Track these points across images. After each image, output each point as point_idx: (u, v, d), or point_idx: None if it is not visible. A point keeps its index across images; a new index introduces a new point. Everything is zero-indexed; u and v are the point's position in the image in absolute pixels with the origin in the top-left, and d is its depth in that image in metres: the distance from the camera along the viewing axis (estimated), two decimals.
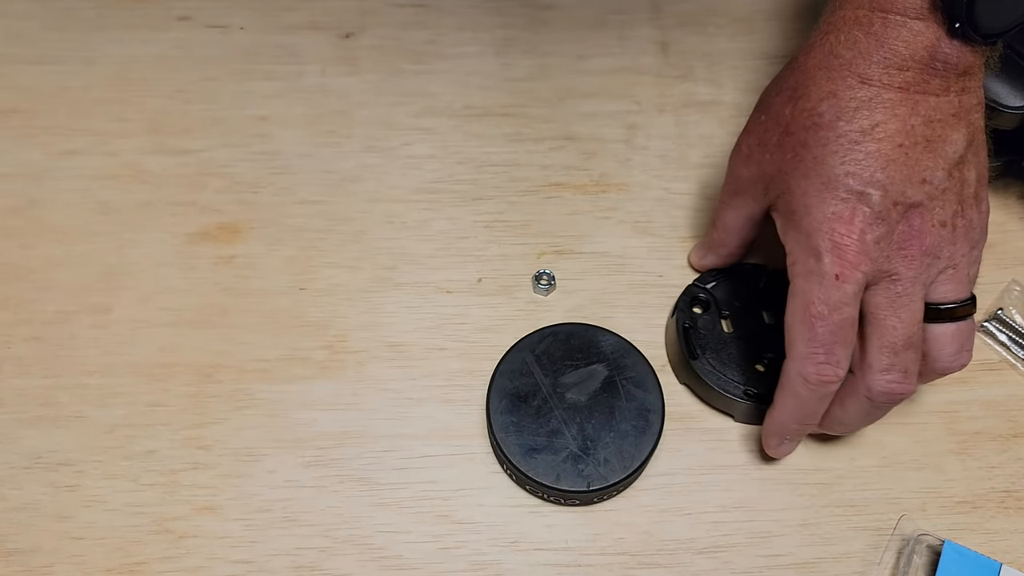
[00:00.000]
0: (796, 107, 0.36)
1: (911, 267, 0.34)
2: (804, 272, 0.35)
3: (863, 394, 0.36)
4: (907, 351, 0.35)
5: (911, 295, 0.35)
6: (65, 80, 0.51)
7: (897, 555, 0.38)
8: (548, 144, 0.50)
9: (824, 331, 0.34)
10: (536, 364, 0.40)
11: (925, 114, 0.34)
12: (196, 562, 0.38)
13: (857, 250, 0.34)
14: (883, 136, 0.34)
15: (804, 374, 0.35)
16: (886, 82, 0.34)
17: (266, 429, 0.41)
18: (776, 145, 0.37)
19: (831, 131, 0.35)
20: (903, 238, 0.34)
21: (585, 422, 0.39)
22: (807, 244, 0.35)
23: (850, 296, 0.34)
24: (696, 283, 0.43)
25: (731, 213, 0.41)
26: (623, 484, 0.39)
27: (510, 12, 0.54)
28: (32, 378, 0.42)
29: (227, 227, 0.46)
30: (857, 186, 0.34)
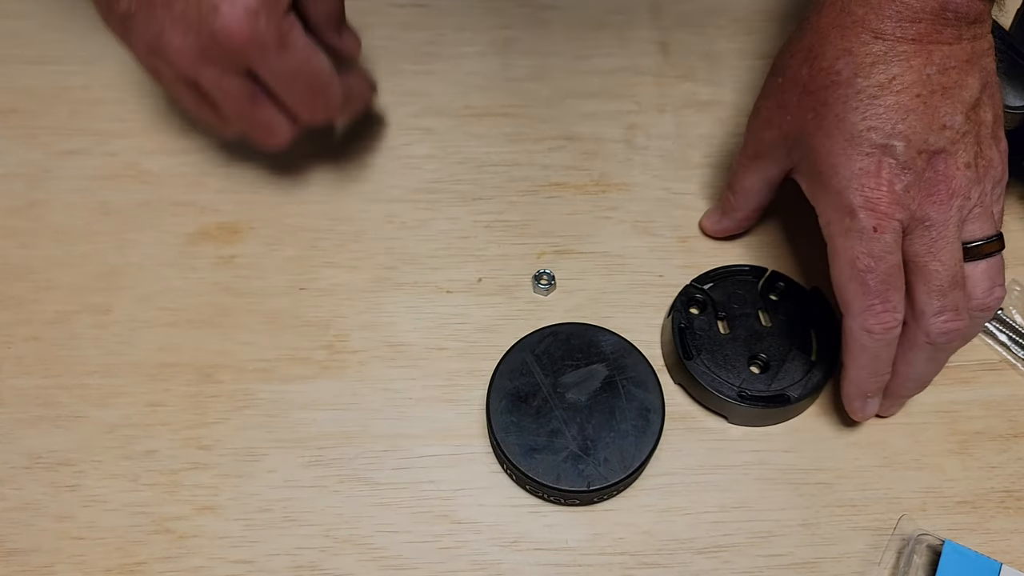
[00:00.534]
0: (813, 67, 0.37)
1: (941, 210, 0.35)
2: (842, 231, 0.36)
3: (923, 341, 0.36)
4: (954, 290, 0.36)
5: (946, 237, 0.35)
6: (65, 80, 0.51)
7: (897, 555, 0.38)
8: (548, 144, 0.50)
9: (875, 282, 0.35)
10: (536, 364, 0.40)
11: (939, 62, 0.35)
12: (196, 562, 0.38)
13: (889, 200, 0.34)
14: (901, 88, 0.35)
15: (867, 327, 0.36)
16: (899, 35, 0.35)
17: (266, 429, 0.41)
18: (796, 106, 0.37)
19: (850, 88, 0.35)
20: (931, 184, 0.35)
21: (585, 422, 0.39)
22: (839, 203, 0.35)
23: (891, 244, 0.35)
24: (693, 283, 0.43)
25: (750, 176, 0.42)
26: (623, 484, 0.39)
27: (510, 12, 0.54)
28: (32, 378, 0.42)
29: (227, 227, 0.46)
30: (880, 139, 0.35)
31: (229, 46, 0.35)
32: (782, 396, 0.40)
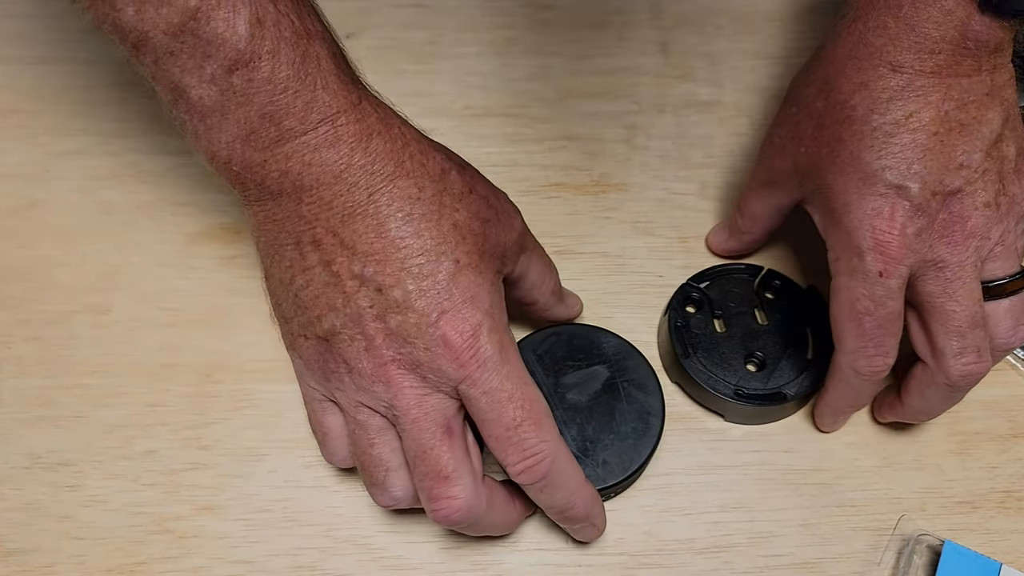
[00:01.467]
0: (828, 100, 0.36)
1: (955, 252, 0.34)
2: (847, 270, 0.35)
3: (942, 382, 0.36)
4: (974, 331, 0.35)
5: (963, 278, 0.35)
6: (65, 80, 0.51)
7: (897, 555, 0.38)
8: (548, 144, 0.50)
9: (872, 326, 0.35)
10: (538, 364, 0.40)
11: (958, 97, 0.34)
12: (196, 562, 0.38)
13: (899, 244, 0.34)
14: (917, 126, 0.34)
15: (856, 367, 0.36)
16: (918, 68, 0.34)
17: (266, 429, 0.41)
18: (810, 139, 0.37)
19: (865, 124, 0.34)
20: (945, 226, 0.34)
21: (585, 423, 0.39)
22: (848, 242, 0.35)
23: (894, 291, 0.34)
24: (690, 282, 0.43)
25: (760, 203, 0.41)
26: (621, 486, 0.39)
27: (510, 12, 0.54)
28: (32, 378, 0.42)
29: (228, 227, 0.46)
30: (895, 180, 0.34)
31: (447, 357, 0.31)
32: (778, 394, 0.40)
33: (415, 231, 0.31)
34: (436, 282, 0.31)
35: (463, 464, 0.33)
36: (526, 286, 0.38)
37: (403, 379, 0.32)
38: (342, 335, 0.32)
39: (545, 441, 0.33)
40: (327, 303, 0.32)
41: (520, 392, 0.32)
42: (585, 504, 0.35)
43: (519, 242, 0.36)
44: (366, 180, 0.31)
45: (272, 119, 0.30)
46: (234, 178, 0.32)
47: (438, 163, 0.33)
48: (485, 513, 0.34)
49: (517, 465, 0.32)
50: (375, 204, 0.31)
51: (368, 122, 0.31)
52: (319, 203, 0.31)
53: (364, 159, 0.31)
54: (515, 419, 0.32)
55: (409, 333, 0.31)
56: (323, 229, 0.31)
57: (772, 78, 0.52)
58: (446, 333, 0.31)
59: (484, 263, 0.33)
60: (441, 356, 0.31)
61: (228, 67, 0.29)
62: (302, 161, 0.31)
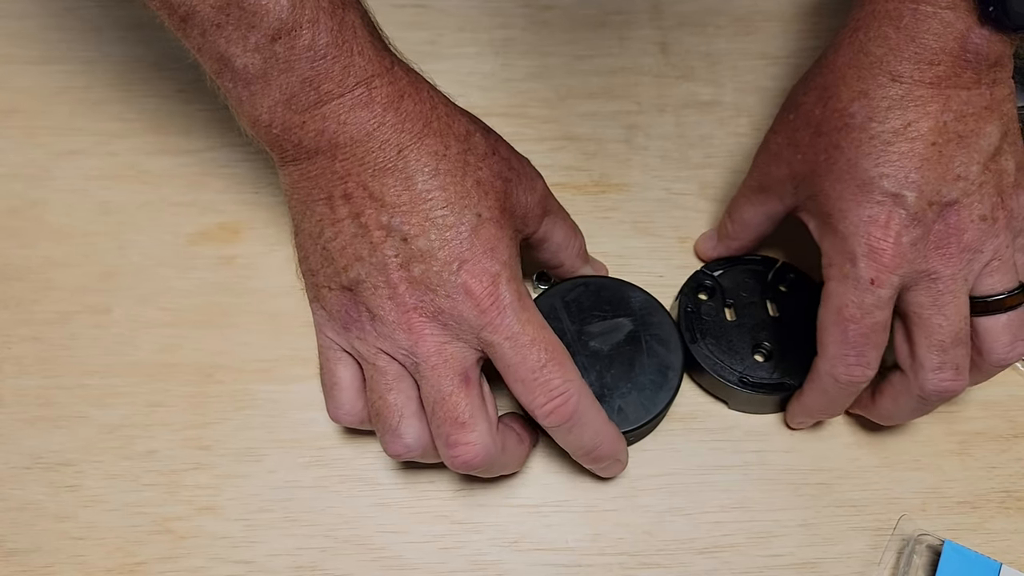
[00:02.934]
0: (827, 107, 0.36)
1: (949, 265, 0.34)
2: (839, 275, 0.35)
3: (915, 393, 0.36)
4: (956, 347, 0.35)
5: (953, 292, 0.34)
6: (65, 80, 0.51)
7: (897, 555, 0.38)
8: (548, 144, 0.49)
9: (856, 334, 0.35)
10: (564, 310, 0.41)
11: (957, 109, 0.34)
12: (197, 562, 0.38)
13: (893, 254, 0.34)
14: (916, 135, 0.34)
15: (834, 374, 0.36)
16: (917, 78, 0.34)
17: (266, 429, 0.41)
18: (808, 146, 0.37)
19: (863, 132, 0.34)
20: (940, 237, 0.34)
21: (604, 370, 0.39)
22: (842, 248, 0.35)
23: (884, 300, 0.34)
24: (704, 270, 0.43)
25: (751, 209, 0.41)
26: (635, 434, 0.39)
27: (510, 12, 0.54)
28: (32, 378, 0.42)
29: (227, 227, 0.46)
30: (892, 188, 0.34)
31: (468, 304, 0.33)
32: (783, 384, 0.40)
33: (440, 185, 0.33)
34: (459, 233, 0.33)
35: (480, 411, 0.34)
36: (552, 248, 0.40)
37: (424, 326, 0.33)
38: (366, 283, 0.34)
39: (570, 380, 0.34)
40: (354, 253, 0.34)
41: (541, 336, 0.34)
42: (611, 442, 0.36)
43: (541, 204, 0.38)
44: (396, 138, 0.33)
45: (312, 83, 0.32)
46: (273, 140, 0.34)
47: (463, 125, 0.35)
48: (501, 457, 0.35)
49: (545, 406, 0.34)
50: (404, 159, 0.33)
51: (400, 85, 0.33)
52: (352, 159, 0.33)
53: (395, 118, 0.33)
54: (539, 360, 0.33)
55: (432, 281, 0.33)
56: (354, 183, 0.33)
57: (772, 78, 0.52)
58: (467, 281, 0.33)
59: (504, 218, 0.35)
60: (462, 303, 0.33)
61: (271, 36, 0.31)
62: (338, 121, 0.32)
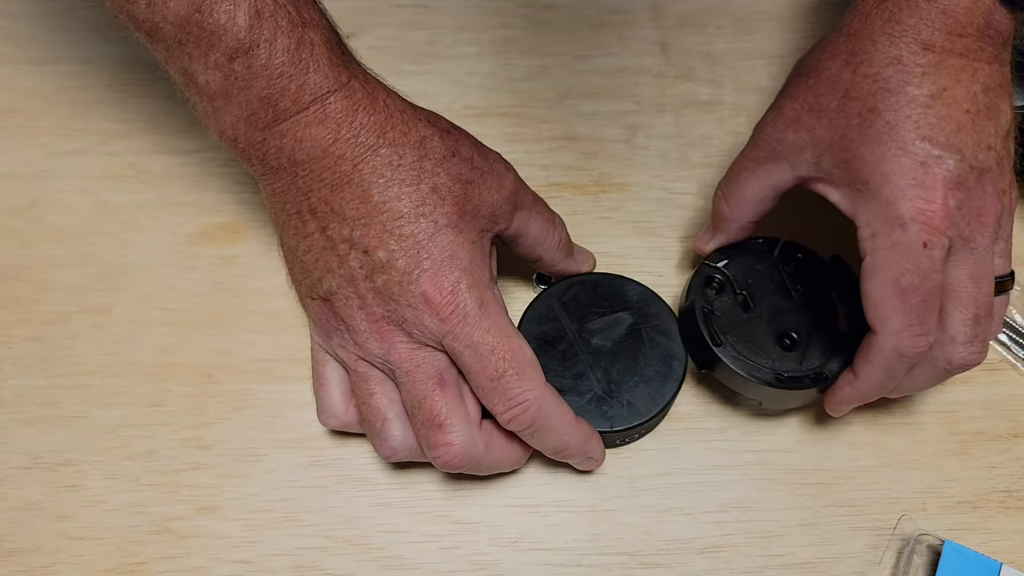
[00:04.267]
0: (857, 72, 0.35)
1: (985, 234, 0.34)
2: (889, 243, 0.34)
3: (941, 366, 0.35)
4: (987, 319, 0.35)
5: (987, 264, 0.35)
6: (65, 80, 0.51)
7: (897, 555, 0.38)
8: (548, 144, 0.49)
9: (918, 302, 0.34)
10: (563, 310, 0.40)
11: (984, 82, 0.34)
12: (196, 562, 0.38)
13: (943, 215, 0.33)
14: (952, 101, 0.34)
15: (901, 348, 0.34)
16: (948, 48, 0.34)
17: (266, 429, 0.41)
18: (836, 110, 0.35)
19: (901, 95, 0.34)
20: (980, 203, 0.34)
21: (610, 366, 0.39)
22: (889, 213, 0.34)
23: (938, 263, 0.34)
24: (707, 263, 0.41)
25: (754, 184, 0.39)
26: (646, 427, 0.39)
27: (510, 12, 0.54)
28: (32, 378, 0.42)
29: (227, 227, 0.46)
30: (935, 151, 0.33)
31: (428, 313, 0.33)
32: (820, 375, 0.38)
33: (395, 195, 0.33)
34: (416, 242, 0.33)
35: (457, 411, 0.35)
36: (528, 242, 0.39)
37: (394, 335, 0.34)
38: (339, 295, 0.35)
39: (529, 390, 0.34)
40: (325, 265, 0.35)
41: (502, 344, 0.34)
42: (578, 443, 0.36)
43: (511, 200, 0.37)
44: (351, 152, 0.33)
45: (270, 101, 0.33)
46: (241, 155, 0.35)
47: (419, 131, 0.35)
48: (484, 455, 0.36)
49: (504, 414, 0.34)
50: (359, 173, 0.33)
51: (355, 98, 0.34)
52: (311, 175, 0.34)
53: (350, 132, 0.33)
54: (498, 369, 0.34)
55: (393, 292, 0.34)
56: (317, 198, 0.34)
57: (772, 78, 0.52)
58: (426, 290, 0.33)
59: (464, 223, 0.34)
60: (423, 312, 0.33)
61: (229, 55, 0.32)
62: (295, 138, 0.33)
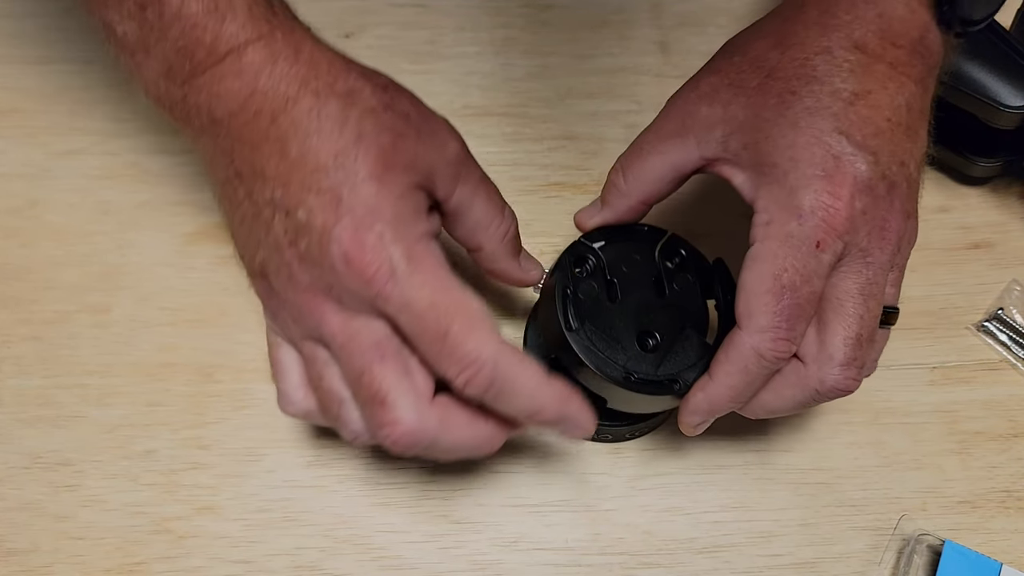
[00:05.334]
0: (786, 55, 0.33)
1: (885, 251, 0.32)
2: (780, 234, 0.31)
3: (812, 386, 0.33)
4: (868, 344, 0.33)
5: (880, 284, 0.32)
6: (65, 80, 0.51)
7: (897, 555, 0.38)
8: (548, 144, 0.49)
9: (791, 304, 0.31)
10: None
11: (907, 99, 0.33)
12: (196, 562, 0.38)
13: (845, 216, 0.31)
14: (875, 104, 0.32)
15: (761, 349, 0.32)
16: (879, 53, 0.33)
17: (266, 429, 0.41)
18: (756, 89, 0.33)
19: (826, 85, 0.32)
20: (885, 216, 0.32)
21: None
22: (788, 201, 0.32)
23: (825, 267, 0.31)
24: (583, 240, 0.37)
25: (656, 159, 0.36)
26: None
27: (510, 12, 0.54)
28: (32, 378, 0.42)
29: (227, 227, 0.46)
30: (850, 147, 0.31)
31: (351, 274, 0.29)
32: (673, 382, 0.35)
33: (314, 147, 0.30)
34: (335, 196, 0.30)
35: (400, 385, 0.30)
36: (469, 224, 0.35)
37: (323, 305, 0.31)
38: (270, 267, 0.32)
39: (482, 345, 0.29)
40: (255, 237, 0.32)
41: (442, 298, 0.30)
42: (554, 404, 0.31)
43: (452, 167, 0.33)
44: (269, 104, 0.30)
45: (185, 53, 0.30)
46: (169, 114, 0.32)
47: (348, 82, 0.31)
48: (440, 434, 0.31)
49: (457, 378, 0.30)
50: (277, 127, 0.30)
51: (274, 48, 0.30)
52: (231, 135, 0.31)
53: (268, 83, 0.30)
54: (440, 328, 0.29)
55: (314, 255, 0.30)
56: (240, 160, 0.31)
57: None
58: (347, 249, 0.29)
59: (390, 175, 0.30)
60: (346, 274, 0.29)
61: (140, 3, 0.30)
62: (211, 93, 0.30)
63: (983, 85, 0.43)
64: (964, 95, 0.43)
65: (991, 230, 0.47)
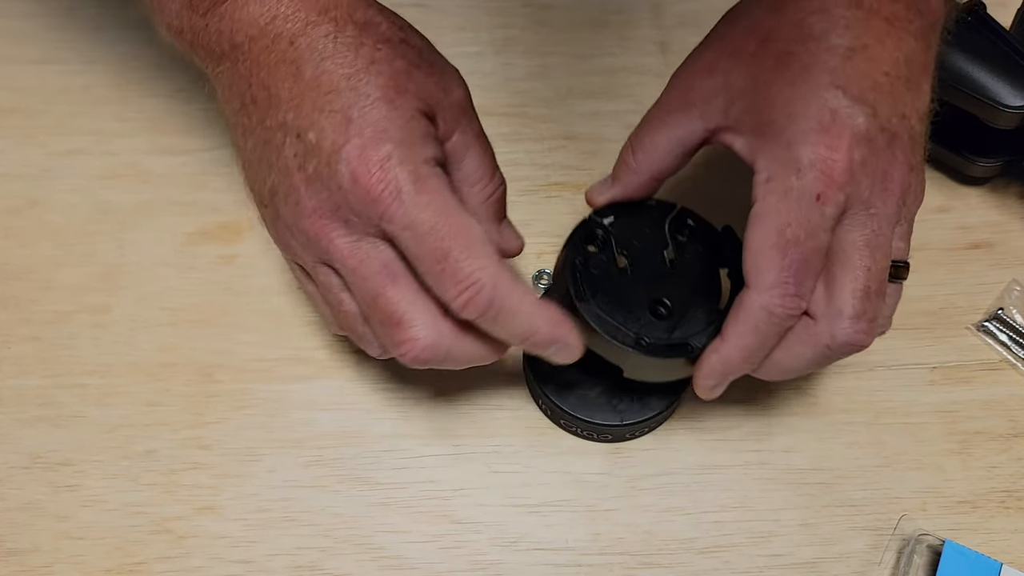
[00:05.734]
0: (782, 18, 0.34)
1: (889, 203, 0.32)
2: (780, 189, 0.31)
3: (823, 342, 0.33)
4: (878, 298, 0.32)
5: (886, 235, 0.32)
6: (65, 80, 0.51)
7: (897, 555, 0.38)
8: (548, 144, 0.49)
9: (798, 258, 0.31)
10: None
11: (907, 53, 0.33)
12: (196, 562, 0.38)
13: (844, 168, 0.31)
14: (872, 58, 0.32)
15: (770, 306, 0.32)
16: (876, 9, 0.33)
17: (266, 429, 0.41)
18: (753, 54, 0.34)
19: (822, 43, 0.32)
20: (887, 167, 0.32)
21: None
22: (787, 156, 0.31)
23: (829, 220, 0.31)
24: (593, 216, 0.38)
25: (664, 133, 0.36)
26: None
27: (510, 12, 0.54)
28: (32, 378, 0.42)
29: (227, 227, 0.46)
30: (847, 101, 0.31)
31: (358, 194, 0.30)
32: (685, 345, 0.35)
33: (328, 69, 0.31)
34: (346, 117, 0.30)
35: (415, 303, 0.32)
36: (455, 176, 0.35)
37: (330, 228, 0.31)
38: (279, 193, 0.32)
39: (481, 268, 0.31)
40: (267, 162, 0.32)
41: (444, 222, 0.31)
42: (548, 326, 0.33)
43: (456, 108, 0.34)
44: (289, 28, 0.31)
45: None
46: (189, 48, 0.33)
47: (367, 14, 0.32)
48: (455, 344, 0.32)
49: (457, 299, 0.31)
50: (295, 49, 0.31)
51: None
52: (250, 59, 0.32)
53: (288, 9, 0.31)
54: (441, 250, 0.30)
55: (323, 175, 0.31)
56: (257, 85, 0.32)
57: None
58: (355, 168, 0.30)
59: (401, 98, 0.31)
60: (352, 194, 0.30)
61: None
62: (233, 19, 0.31)
63: (983, 85, 0.43)
64: (964, 95, 0.43)
65: (991, 230, 0.47)
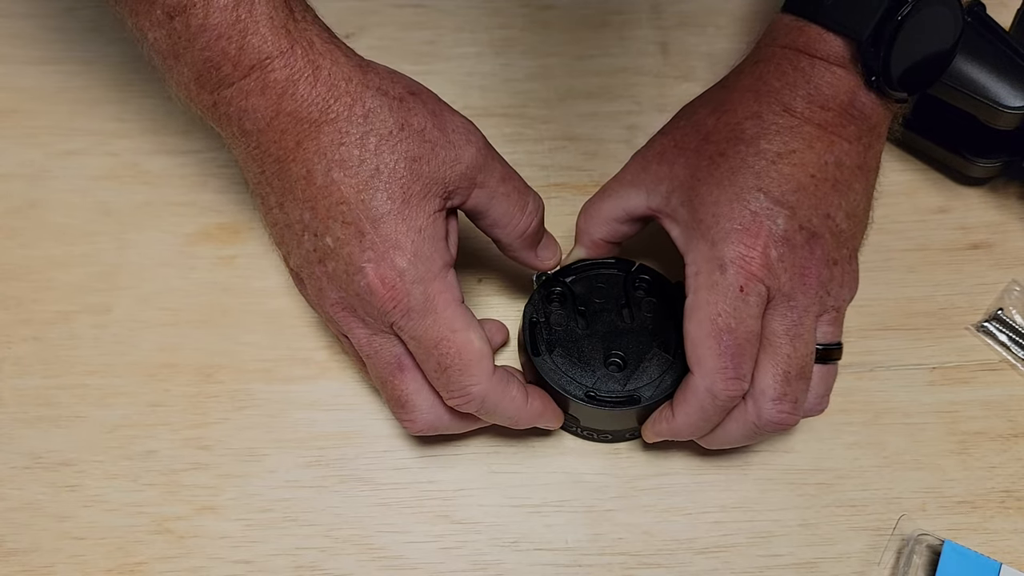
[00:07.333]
0: (720, 119, 0.37)
1: (807, 294, 0.35)
2: (708, 284, 0.35)
3: (750, 420, 0.35)
4: (799, 381, 0.35)
5: (805, 324, 0.35)
6: (65, 80, 0.51)
7: (897, 555, 0.38)
8: (548, 144, 0.50)
9: (732, 344, 0.34)
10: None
11: (837, 156, 0.35)
12: (196, 562, 0.38)
13: (761, 264, 0.34)
14: (798, 163, 0.35)
15: (714, 390, 0.34)
16: (808, 116, 0.35)
17: (266, 429, 0.41)
18: (694, 150, 0.37)
19: (751, 147, 0.35)
20: (804, 263, 0.35)
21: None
22: (711, 254, 0.35)
23: (755, 309, 0.34)
24: (556, 275, 0.41)
25: (611, 203, 0.40)
26: None
27: (510, 12, 0.54)
28: (32, 378, 0.42)
29: (227, 227, 0.46)
30: (767, 203, 0.34)
31: (373, 303, 0.33)
32: (631, 398, 0.38)
33: (337, 180, 0.33)
34: (359, 231, 0.33)
35: (419, 392, 0.36)
36: (486, 223, 0.38)
37: (351, 320, 0.35)
38: (304, 272, 0.35)
39: (473, 384, 0.34)
40: (289, 242, 0.35)
41: (447, 340, 0.34)
42: (529, 418, 0.37)
43: (467, 177, 0.36)
44: (293, 127, 0.32)
45: (212, 64, 0.32)
46: (204, 115, 0.34)
47: (365, 103, 0.33)
48: (453, 424, 0.37)
49: (450, 402, 0.35)
50: (303, 151, 0.33)
51: (296, 67, 0.32)
52: (259, 148, 0.33)
53: (292, 106, 0.32)
54: (440, 364, 0.34)
55: (342, 279, 0.34)
56: (270, 172, 0.34)
57: None
58: (370, 282, 0.33)
59: (410, 208, 0.33)
60: (369, 303, 0.33)
61: (168, 12, 0.31)
62: (239, 107, 0.33)
63: (983, 86, 0.43)
64: (964, 95, 0.43)
65: (991, 230, 0.47)
